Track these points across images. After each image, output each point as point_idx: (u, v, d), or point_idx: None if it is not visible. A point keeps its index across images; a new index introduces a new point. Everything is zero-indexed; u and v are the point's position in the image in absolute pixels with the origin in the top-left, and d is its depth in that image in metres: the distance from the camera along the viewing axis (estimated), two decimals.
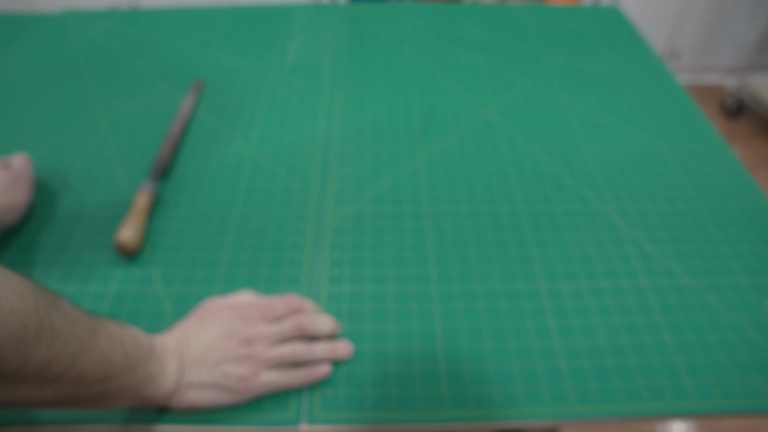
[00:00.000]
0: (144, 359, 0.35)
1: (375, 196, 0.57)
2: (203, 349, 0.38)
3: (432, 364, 0.43)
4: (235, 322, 0.40)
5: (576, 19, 0.89)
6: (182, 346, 0.38)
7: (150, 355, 0.36)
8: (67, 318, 0.30)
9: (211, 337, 0.39)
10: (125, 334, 0.35)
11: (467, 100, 0.71)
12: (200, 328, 0.40)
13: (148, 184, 0.54)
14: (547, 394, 0.41)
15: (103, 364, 0.32)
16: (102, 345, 0.32)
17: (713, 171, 0.60)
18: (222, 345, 0.39)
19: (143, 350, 0.35)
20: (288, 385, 0.40)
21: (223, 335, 0.39)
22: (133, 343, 0.35)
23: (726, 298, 0.48)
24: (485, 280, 0.49)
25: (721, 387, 0.42)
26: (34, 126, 0.66)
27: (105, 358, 0.32)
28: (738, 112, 2.02)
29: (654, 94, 0.72)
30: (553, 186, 0.58)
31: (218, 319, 0.40)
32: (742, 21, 1.98)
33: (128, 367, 0.34)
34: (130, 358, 0.34)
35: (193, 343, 0.39)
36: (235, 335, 0.39)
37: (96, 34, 0.84)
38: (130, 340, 0.35)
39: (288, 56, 0.79)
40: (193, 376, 0.38)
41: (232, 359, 0.38)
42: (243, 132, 0.65)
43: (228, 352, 0.38)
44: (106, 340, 0.32)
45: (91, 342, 0.31)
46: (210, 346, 0.38)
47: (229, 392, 0.38)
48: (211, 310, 0.41)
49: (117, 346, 0.33)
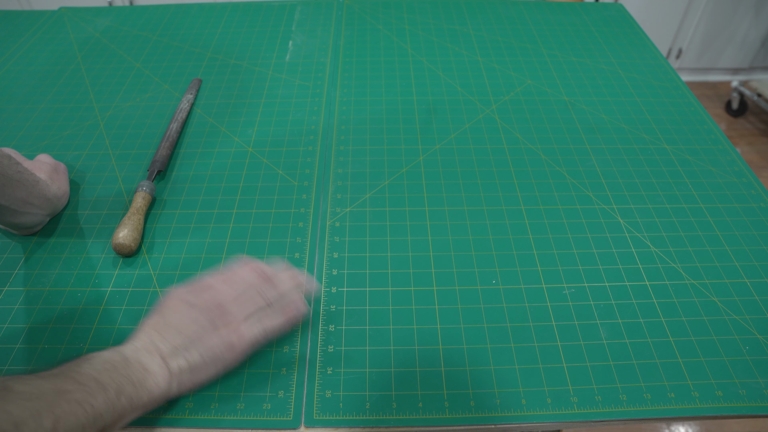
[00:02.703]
0: (124, 377, 0.34)
1: (375, 195, 0.56)
2: (179, 332, 0.38)
3: (432, 365, 0.42)
4: (201, 295, 0.40)
5: (578, 16, 0.88)
6: (156, 339, 0.37)
7: (126, 367, 0.35)
8: (24, 404, 0.28)
9: (182, 318, 0.38)
10: (96, 367, 0.33)
11: (468, 97, 0.70)
12: (167, 316, 0.39)
13: (146, 184, 0.54)
14: (549, 396, 0.41)
15: (86, 412, 0.31)
16: (76, 398, 0.30)
17: (717, 170, 0.60)
18: (196, 320, 0.38)
19: (118, 369, 0.34)
20: (272, 329, 0.41)
21: (193, 312, 0.39)
22: (106, 369, 0.33)
23: (730, 299, 0.47)
24: (486, 280, 0.48)
25: (726, 388, 0.41)
26: (32, 124, 0.66)
27: (85, 407, 0.31)
28: (741, 111, 2.02)
29: (657, 93, 0.72)
30: (555, 185, 0.58)
31: (181, 301, 0.40)
32: (745, 21, 1.98)
33: (113, 395, 0.33)
34: (110, 387, 0.33)
35: (167, 332, 0.38)
36: (204, 306, 0.39)
37: (93, 31, 0.84)
38: (103, 368, 0.33)
39: (287, 53, 0.78)
40: (182, 361, 0.37)
41: (210, 330, 0.38)
42: (242, 130, 0.65)
43: (204, 324, 0.38)
44: (79, 391, 0.31)
45: (66, 404, 0.30)
46: (185, 327, 0.38)
47: (222, 361, 0.38)
48: (170, 298, 0.40)
49: (91, 386, 0.32)
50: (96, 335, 0.44)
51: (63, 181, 0.55)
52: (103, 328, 0.45)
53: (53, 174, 0.53)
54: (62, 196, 0.53)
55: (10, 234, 0.52)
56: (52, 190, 0.51)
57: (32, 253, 0.50)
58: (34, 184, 0.48)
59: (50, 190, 0.50)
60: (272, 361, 0.43)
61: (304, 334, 0.44)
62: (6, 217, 0.47)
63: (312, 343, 0.44)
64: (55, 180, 0.53)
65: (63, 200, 0.54)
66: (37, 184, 0.48)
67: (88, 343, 0.44)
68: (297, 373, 0.42)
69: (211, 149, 0.62)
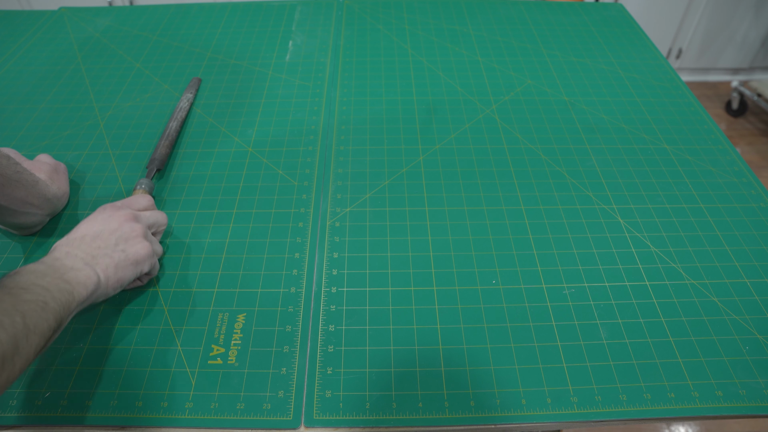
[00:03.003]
0: (57, 278, 0.36)
1: (375, 195, 0.56)
2: (93, 239, 0.42)
3: (432, 365, 0.42)
4: (113, 213, 0.45)
5: (578, 16, 0.88)
6: (72, 249, 0.40)
7: (55, 271, 0.37)
8: None
9: (100, 226, 0.43)
10: (28, 277, 0.35)
11: (468, 97, 0.70)
12: (87, 227, 0.43)
13: (145, 182, 0.54)
14: (549, 396, 0.41)
15: (43, 309, 0.33)
16: (29, 298, 0.33)
17: (717, 170, 0.60)
18: (110, 227, 0.43)
19: (48, 273, 0.36)
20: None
21: (106, 223, 0.43)
22: (38, 276, 0.36)
23: (730, 299, 0.47)
24: (486, 280, 0.48)
25: (726, 388, 0.41)
26: (32, 124, 0.66)
27: (39, 305, 0.33)
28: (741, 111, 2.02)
29: (657, 93, 0.72)
30: (555, 185, 0.58)
31: (99, 216, 0.44)
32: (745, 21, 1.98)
33: (56, 293, 0.35)
34: (51, 287, 0.35)
35: (81, 242, 0.41)
36: (115, 215, 0.44)
37: (93, 31, 0.84)
38: (35, 275, 0.36)
39: (287, 53, 0.78)
40: (105, 259, 0.41)
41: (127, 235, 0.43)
42: (242, 130, 0.65)
43: (117, 229, 0.43)
44: (28, 293, 0.34)
45: (25, 304, 0.33)
46: (96, 236, 0.42)
47: (138, 256, 0.43)
48: (88, 220, 0.44)
49: (35, 290, 0.34)
50: (96, 335, 0.44)
51: (63, 182, 0.55)
52: (102, 328, 0.45)
53: (53, 174, 0.53)
54: (62, 196, 0.53)
55: (10, 234, 0.52)
56: (51, 190, 0.51)
57: (32, 253, 0.50)
58: (34, 185, 0.47)
59: (50, 190, 0.50)
60: (272, 361, 0.43)
61: (304, 334, 0.44)
62: (5, 217, 0.47)
63: (312, 343, 0.44)
64: (55, 180, 0.53)
65: (63, 200, 0.54)
66: (36, 185, 0.48)
67: (87, 343, 0.44)
68: (297, 373, 0.42)
69: (211, 149, 0.62)
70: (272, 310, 0.46)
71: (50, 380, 0.41)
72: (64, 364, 0.42)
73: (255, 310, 0.46)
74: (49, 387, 0.41)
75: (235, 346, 0.43)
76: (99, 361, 0.42)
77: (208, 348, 0.43)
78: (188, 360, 0.43)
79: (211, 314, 0.46)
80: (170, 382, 0.41)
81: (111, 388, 0.41)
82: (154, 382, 0.41)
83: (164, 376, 0.42)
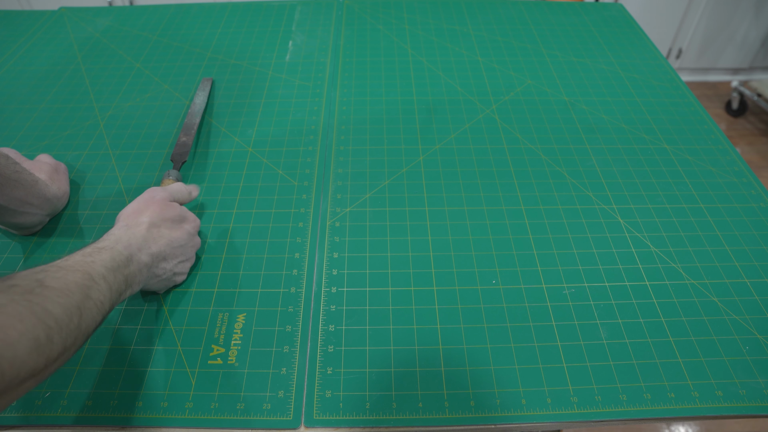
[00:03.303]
0: (123, 275, 0.37)
1: (375, 195, 0.56)
2: (166, 244, 0.43)
3: (432, 365, 0.42)
4: (191, 225, 0.47)
5: (578, 16, 0.88)
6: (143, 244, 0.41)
7: (127, 267, 0.38)
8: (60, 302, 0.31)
9: (173, 235, 0.44)
10: (107, 264, 0.36)
11: (468, 97, 0.70)
12: (161, 224, 0.44)
13: (173, 173, 0.54)
14: (549, 396, 0.41)
15: (98, 309, 0.34)
16: (93, 296, 0.33)
17: (717, 170, 0.60)
18: (181, 244, 0.45)
19: (121, 269, 0.37)
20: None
21: (180, 236, 0.45)
22: (113, 268, 0.36)
23: (730, 299, 0.47)
24: (486, 280, 0.48)
25: (726, 388, 0.41)
26: (32, 124, 0.66)
27: (98, 305, 0.34)
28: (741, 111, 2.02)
29: (657, 93, 0.72)
30: (555, 185, 0.58)
31: (176, 218, 0.46)
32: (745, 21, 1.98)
33: (116, 295, 0.36)
34: (114, 286, 0.36)
35: (157, 235, 0.43)
36: (190, 237, 0.46)
37: (93, 31, 0.84)
38: (111, 266, 0.36)
39: (287, 53, 0.78)
40: (155, 269, 0.42)
41: (183, 258, 0.46)
42: (242, 130, 0.65)
43: (183, 251, 0.45)
44: (94, 289, 0.34)
45: (88, 302, 0.33)
46: (170, 244, 0.44)
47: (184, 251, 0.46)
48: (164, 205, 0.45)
49: (101, 284, 0.35)
50: (96, 335, 0.44)
51: (63, 182, 0.55)
52: (102, 328, 0.45)
53: (53, 174, 0.53)
54: (62, 196, 0.53)
55: (10, 234, 0.52)
56: (51, 190, 0.51)
57: (32, 253, 0.50)
58: (33, 185, 0.47)
59: (50, 190, 0.50)
60: (272, 361, 0.43)
61: (304, 334, 0.44)
62: (5, 217, 0.47)
63: (312, 343, 0.44)
64: (56, 180, 0.53)
65: (63, 200, 0.54)
66: (36, 185, 0.48)
67: (87, 343, 0.44)
68: (297, 373, 0.42)
69: (211, 149, 0.62)
70: (272, 310, 0.46)
71: (50, 380, 0.41)
72: (65, 364, 0.42)
73: (255, 310, 0.46)
74: (49, 387, 0.41)
75: (235, 346, 0.43)
76: (99, 361, 0.42)
77: (208, 348, 0.43)
78: (188, 360, 0.43)
79: (211, 314, 0.46)
80: (170, 382, 0.41)
81: (111, 388, 0.41)
82: (154, 382, 0.41)
83: (164, 376, 0.42)
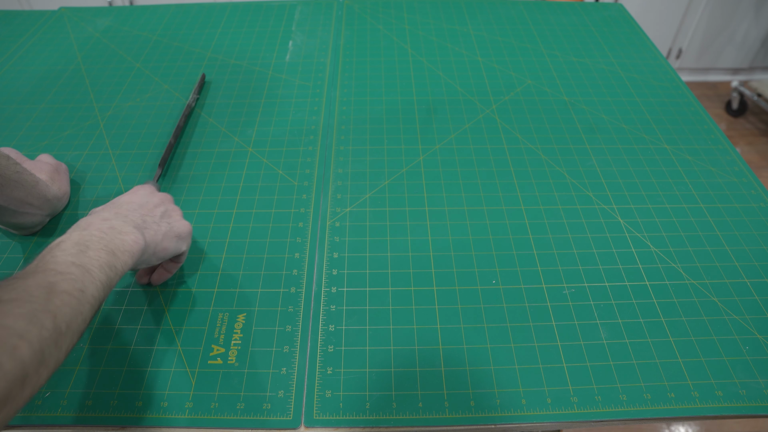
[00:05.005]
0: (101, 250, 0.34)
1: (375, 195, 0.56)
2: (132, 207, 0.42)
3: (432, 365, 0.42)
4: (153, 190, 0.47)
5: (578, 16, 0.88)
6: (128, 209, 0.41)
7: (101, 239, 0.35)
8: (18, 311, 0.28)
9: (133, 198, 0.44)
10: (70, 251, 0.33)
11: (468, 97, 0.70)
12: (130, 197, 0.44)
13: (154, 183, 0.54)
14: (549, 396, 0.41)
15: (78, 300, 0.31)
16: (64, 288, 0.30)
17: (717, 170, 0.60)
18: (146, 200, 0.44)
19: (93, 244, 0.34)
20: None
21: (142, 196, 0.45)
22: (80, 250, 0.33)
23: (730, 299, 0.47)
24: (486, 280, 0.48)
25: (726, 388, 0.41)
26: (32, 124, 0.66)
27: (75, 295, 0.31)
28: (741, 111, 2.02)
29: (657, 93, 0.72)
30: (555, 185, 0.58)
31: (139, 191, 0.46)
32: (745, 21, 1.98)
33: (97, 273, 0.33)
34: (92, 266, 0.33)
35: (138, 207, 0.42)
36: (152, 194, 0.46)
37: (93, 31, 0.84)
38: (77, 249, 0.33)
39: (287, 53, 0.78)
40: (154, 227, 0.41)
41: (162, 209, 0.45)
42: (242, 130, 0.65)
43: (155, 205, 0.44)
44: (64, 281, 0.31)
45: (57, 298, 0.29)
46: (136, 204, 0.43)
47: (179, 229, 0.44)
48: (129, 193, 0.45)
49: (73, 271, 0.31)
50: (96, 335, 0.44)
51: (64, 182, 0.55)
52: (102, 328, 0.45)
53: (54, 174, 0.53)
54: (62, 196, 0.53)
55: (10, 234, 0.52)
56: (52, 190, 0.51)
57: (32, 253, 0.50)
58: (34, 185, 0.47)
59: (50, 190, 0.50)
60: (272, 361, 0.43)
61: (304, 334, 0.44)
62: (5, 217, 0.47)
63: (312, 343, 0.44)
64: (56, 180, 0.53)
65: (63, 201, 0.54)
66: (36, 185, 0.48)
67: (87, 343, 0.44)
68: (297, 373, 0.42)
69: (211, 149, 0.62)
70: (272, 310, 0.46)
71: (50, 380, 0.41)
72: (64, 364, 0.42)
73: (255, 310, 0.46)
74: (49, 387, 0.41)
75: (235, 346, 0.43)
76: (99, 361, 0.42)
77: (208, 348, 0.43)
78: (188, 360, 0.43)
79: (211, 314, 0.46)
80: (170, 382, 0.41)
81: (111, 388, 0.41)
82: (154, 382, 0.41)
83: (164, 376, 0.42)
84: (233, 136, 0.64)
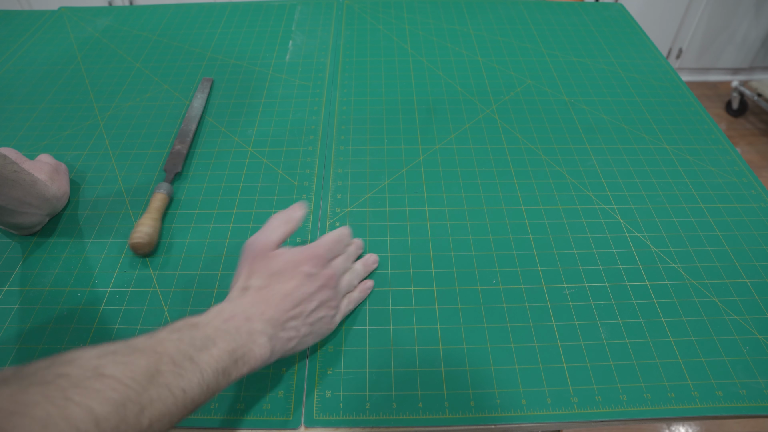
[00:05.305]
0: (226, 352, 0.31)
1: (375, 195, 0.56)
2: (283, 300, 0.37)
3: (432, 365, 0.42)
4: (306, 265, 0.39)
5: (578, 16, 0.88)
6: (266, 308, 0.36)
7: (232, 341, 0.32)
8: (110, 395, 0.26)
9: (286, 287, 0.37)
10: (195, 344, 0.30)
11: (468, 97, 0.70)
12: (281, 285, 0.37)
13: (164, 186, 0.54)
14: (549, 396, 0.41)
15: (174, 398, 0.28)
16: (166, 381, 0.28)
17: (717, 170, 0.60)
18: (302, 292, 0.38)
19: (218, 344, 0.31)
20: (354, 305, 0.45)
21: (298, 284, 0.38)
22: (206, 346, 0.30)
23: (730, 299, 0.47)
24: (486, 280, 0.48)
25: (726, 388, 0.41)
26: (32, 124, 0.66)
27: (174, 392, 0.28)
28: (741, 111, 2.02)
29: (657, 93, 0.72)
30: (555, 185, 0.58)
31: (285, 267, 0.38)
32: (745, 21, 1.98)
33: (210, 376, 0.30)
34: (208, 367, 0.30)
35: (280, 300, 0.37)
36: (312, 278, 0.39)
37: (93, 31, 0.84)
38: (202, 344, 0.31)
39: (287, 53, 0.78)
40: (284, 333, 0.37)
41: (316, 304, 0.39)
42: (242, 130, 0.65)
43: (311, 297, 0.38)
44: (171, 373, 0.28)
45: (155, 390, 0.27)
46: (289, 297, 0.37)
47: (319, 335, 0.40)
48: (281, 272, 0.38)
49: (186, 366, 0.29)
50: (96, 335, 0.44)
51: (63, 182, 0.55)
52: (103, 328, 0.45)
53: (54, 174, 0.53)
54: (62, 196, 0.53)
55: (10, 234, 0.52)
56: (51, 190, 0.51)
57: (32, 253, 0.50)
58: (32, 185, 0.47)
59: (49, 190, 0.50)
60: None
61: None
62: (4, 217, 0.47)
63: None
64: (56, 180, 0.53)
65: (63, 201, 0.54)
66: (35, 185, 0.48)
67: (87, 343, 0.43)
68: (297, 373, 0.42)
69: (211, 149, 0.62)
70: None
71: None
72: None
73: None
74: None
75: None
76: None
77: None
78: None
79: None
80: None
81: None
82: None
83: None
84: (233, 136, 0.64)
